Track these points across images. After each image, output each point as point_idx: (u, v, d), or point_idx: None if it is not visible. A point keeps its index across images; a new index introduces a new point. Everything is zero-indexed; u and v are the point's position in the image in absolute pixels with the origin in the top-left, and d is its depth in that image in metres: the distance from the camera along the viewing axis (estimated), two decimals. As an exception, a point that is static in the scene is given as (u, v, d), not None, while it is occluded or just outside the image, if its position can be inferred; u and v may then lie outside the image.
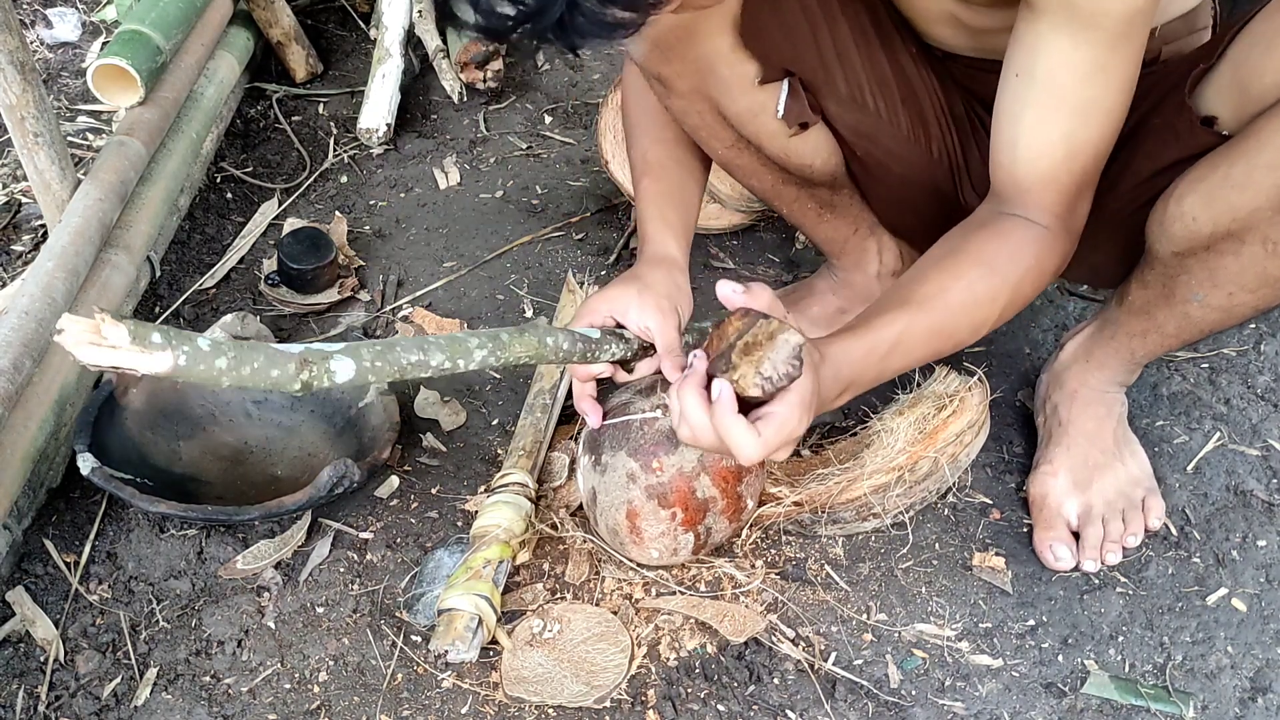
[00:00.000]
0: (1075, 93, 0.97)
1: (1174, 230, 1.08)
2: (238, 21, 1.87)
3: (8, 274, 1.55)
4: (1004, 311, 1.07)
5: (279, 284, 1.52)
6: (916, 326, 1.03)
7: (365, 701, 1.08)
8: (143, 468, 1.21)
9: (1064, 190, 1.03)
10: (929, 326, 1.04)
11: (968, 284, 1.04)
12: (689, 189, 1.25)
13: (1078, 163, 1.02)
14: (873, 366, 1.02)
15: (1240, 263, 1.03)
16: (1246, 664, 1.14)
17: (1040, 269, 1.06)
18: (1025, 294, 1.08)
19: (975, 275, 1.05)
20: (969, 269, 1.05)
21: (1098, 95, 0.97)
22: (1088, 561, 1.21)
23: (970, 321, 1.06)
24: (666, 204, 1.22)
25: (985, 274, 1.05)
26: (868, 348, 1.01)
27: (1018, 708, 1.09)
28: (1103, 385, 1.28)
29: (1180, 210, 1.06)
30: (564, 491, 1.25)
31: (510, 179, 1.80)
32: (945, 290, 1.04)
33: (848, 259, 1.42)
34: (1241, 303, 1.07)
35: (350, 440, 1.29)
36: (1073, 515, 1.23)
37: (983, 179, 1.26)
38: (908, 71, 1.19)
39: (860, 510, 1.20)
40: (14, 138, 1.30)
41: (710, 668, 1.10)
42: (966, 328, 1.06)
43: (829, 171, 1.27)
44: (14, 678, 1.08)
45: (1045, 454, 1.28)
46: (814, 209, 1.34)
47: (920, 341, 1.04)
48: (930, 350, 1.06)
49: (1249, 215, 1.00)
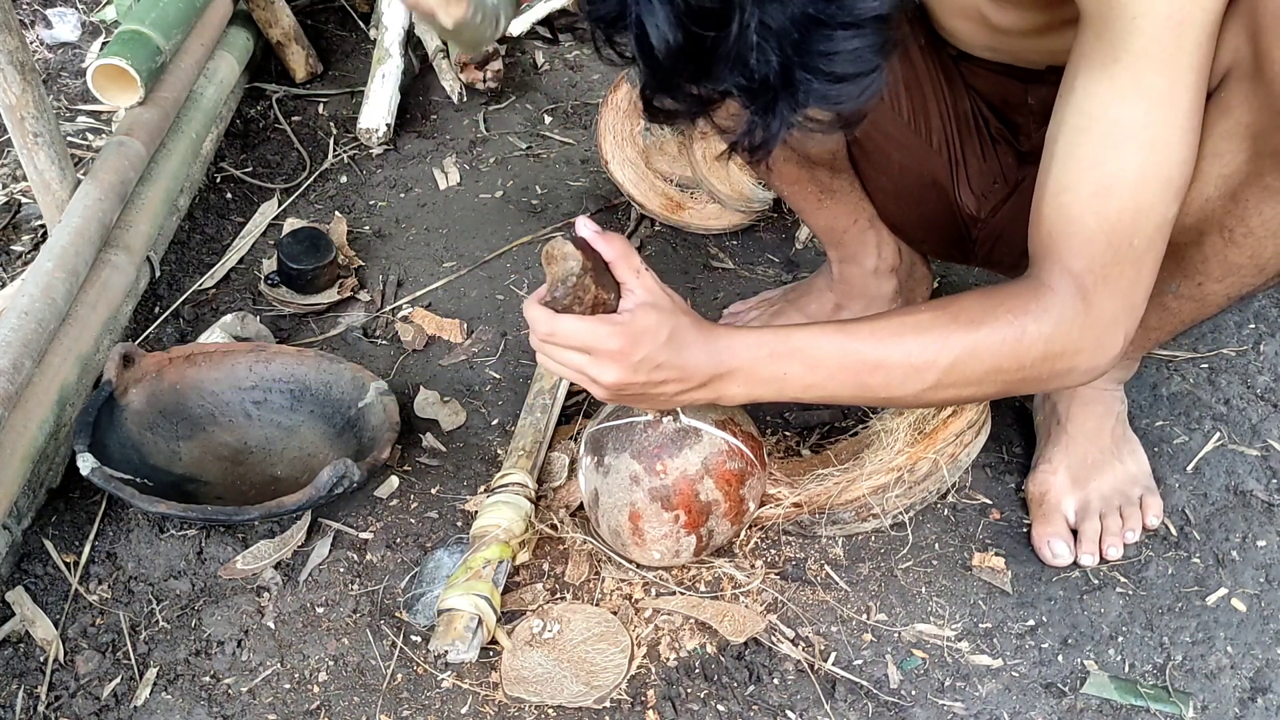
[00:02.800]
0: (1105, 112, 0.88)
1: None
2: (238, 21, 1.87)
3: (8, 274, 1.55)
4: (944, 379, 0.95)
5: (279, 284, 1.52)
6: (827, 347, 0.96)
7: (365, 701, 1.08)
8: (143, 468, 1.21)
9: (1089, 239, 0.91)
10: (841, 353, 0.96)
11: (908, 332, 0.95)
12: None
13: (1110, 205, 0.90)
14: (762, 362, 0.97)
15: (1203, 253, 1.03)
16: (1246, 664, 1.14)
17: (1019, 340, 0.92)
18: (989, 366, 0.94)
19: (922, 329, 0.94)
20: (924, 321, 0.95)
21: (1134, 120, 0.88)
22: (1085, 556, 1.21)
23: (887, 378, 0.96)
24: None
25: (932, 330, 0.94)
26: (760, 340, 0.97)
27: (1017, 708, 1.09)
28: (1100, 383, 1.28)
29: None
30: (564, 491, 1.25)
31: (510, 179, 1.80)
32: (879, 328, 0.96)
33: (845, 251, 1.42)
34: (1212, 292, 1.06)
35: (350, 440, 1.29)
36: (1070, 512, 1.24)
37: (980, 180, 1.26)
38: (915, 60, 1.19)
39: (860, 511, 1.20)
40: (14, 138, 1.30)
41: (710, 668, 1.10)
42: (880, 382, 0.96)
43: (829, 149, 1.27)
44: (14, 678, 1.08)
45: (1044, 453, 1.28)
46: (814, 193, 1.34)
47: (828, 365, 0.97)
48: (838, 384, 0.98)
49: (1201, 206, 0.99)
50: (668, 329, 0.95)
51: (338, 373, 1.33)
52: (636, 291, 0.97)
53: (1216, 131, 0.94)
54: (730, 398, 1.00)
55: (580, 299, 0.95)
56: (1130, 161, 0.89)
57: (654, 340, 0.95)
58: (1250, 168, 0.94)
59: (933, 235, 1.37)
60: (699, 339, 0.97)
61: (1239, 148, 0.94)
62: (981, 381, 0.96)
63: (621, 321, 0.94)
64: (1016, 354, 0.94)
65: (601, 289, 0.96)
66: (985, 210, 1.26)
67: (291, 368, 1.34)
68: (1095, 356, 0.95)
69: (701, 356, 0.97)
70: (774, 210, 1.69)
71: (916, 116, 1.21)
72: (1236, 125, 0.93)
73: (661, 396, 0.99)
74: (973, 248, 1.31)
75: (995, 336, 0.93)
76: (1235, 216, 0.98)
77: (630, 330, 0.94)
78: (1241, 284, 1.04)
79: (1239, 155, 0.94)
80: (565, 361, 0.97)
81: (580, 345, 0.95)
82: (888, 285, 1.44)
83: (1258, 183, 0.94)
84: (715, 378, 0.98)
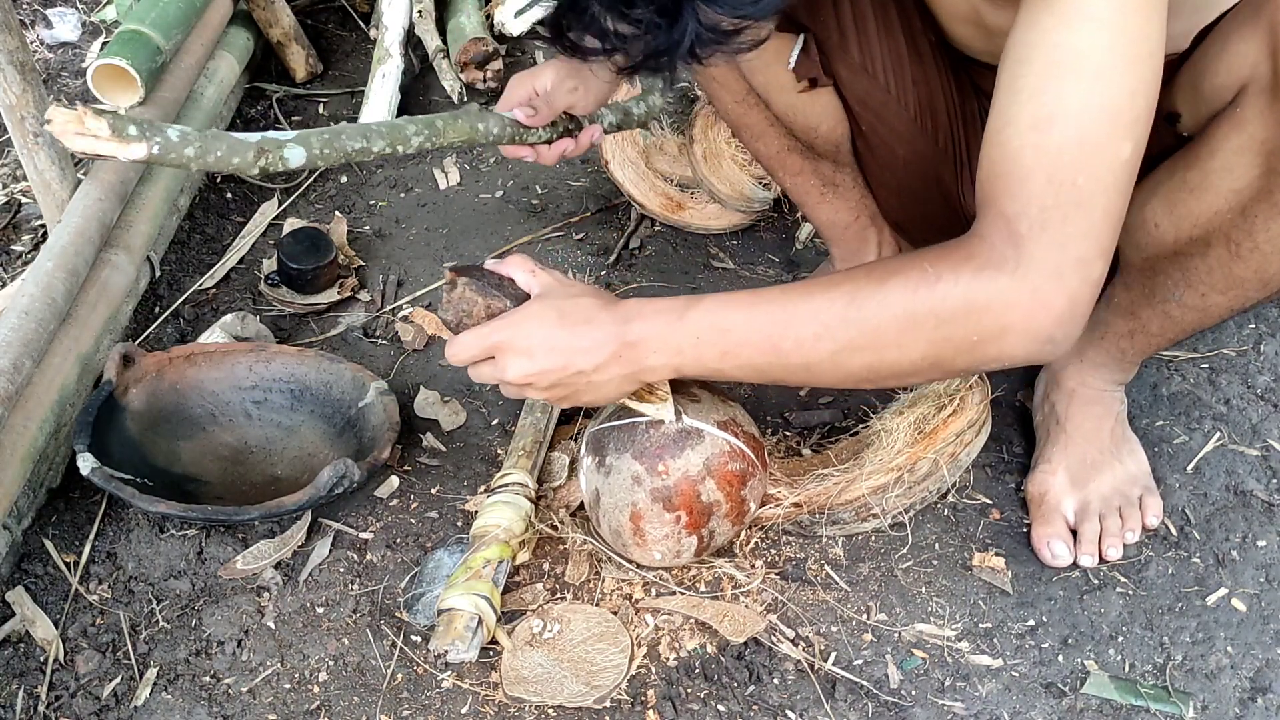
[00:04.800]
0: (1045, 39, 0.79)
1: (1138, 238, 1.07)
2: (238, 21, 1.87)
3: (8, 274, 1.55)
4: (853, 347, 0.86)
5: (279, 284, 1.52)
6: (736, 309, 0.91)
7: (365, 701, 1.08)
8: (143, 468, 1.21)
9: (1025, 177, 0.80)
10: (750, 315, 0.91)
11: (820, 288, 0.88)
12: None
13: (1050, 138, 0.79)
14: (671, 327, 0.94)
15: (1208, 264, 1.03)
16: (1246, 664, 1.14)
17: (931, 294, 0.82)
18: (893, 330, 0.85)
19: (831, 285, 0.88)
20: (839, 276, 0.88)
21: (1077, 47, 0.78)
22: (1085, 557, 1.21)
23: (798, 338, 0.89)
24: None
25: (840, 284, 0.87)
26: (668, 305, 0.95)
27: (1018, 708, 1.09)
28: (1100, 384, 1.28)
29: (1143, 217, 1.05)
30: (564, 491, 1.25)
31: (510, 179, 1.80)
32: (789, 289, 0.90)
33: (846, 247, 1.42)
34: (1215, 303, 1.06)
35: (350, 440, 1.29)
36: (1070, 512, 1.23)
37: None
38: (924, 57, 1.19)
39: (860, 511, 1.20)
40: (14, 138, 1.30)
41: (710, 668, 1.10)
42: (793, 346, 0.89)
43: (833, 140, 1.27)
44: (14, 678, 1.08)
45: (1044, 453, 1.28)
46: (816, 186, 1.35)
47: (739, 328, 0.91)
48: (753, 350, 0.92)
49: (1209, 219, 0.99)
50: (554, 311, 0.97)
51: (338, 373, 1.33)
52: (532, 289, 1.01)
53: (1230, 146, 0.94)
54: (651, 370, 0.96)
55: (469, 312, 1.00)
56: (1071, 89, 0.78)
57: (542, 323, 0.96)
58: (1262, 184, 0.94)
59: (935, 233, 1.37)
60: (599, 314, 0.96)
61: (1252, 163, 0.94)
62: (900, 343, 0.85)
63: (506, 316, 0.98)
64: (932, 306, 0.83)
65: (491, 299, 1.00)
66: None
67: (291, 368, 1.34)
68: (1032, 316, 0.82)
69: (604, 330, 0.95)
70: (774, 210, 1.69)
71: (923, 114, 1.21)
72: (1251, 140, 0.93)
73: (584, 382, 0.98)
74: None
75: (907, 286, 0.83)
76: (1243, 231, 0.97)
77: (514, 320, 0.97)
78: (1244, 297, 1.04)
79: (1251, 171, 0.94)
80: (480, 375, 1.01)
81: (480, 352, 0.98)
82: None
83: (1268, 199, 0.94)
84: (625, 347, 0.95)
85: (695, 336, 0.94)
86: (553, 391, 1.00)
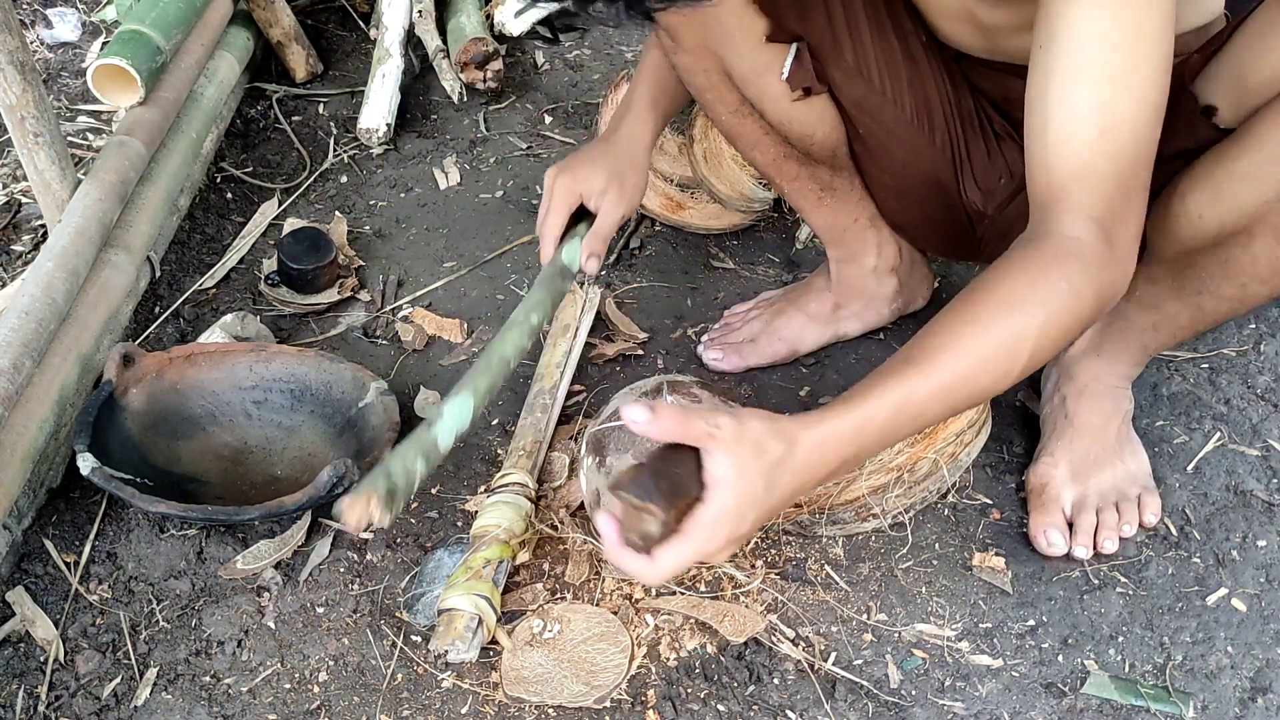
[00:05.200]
0: (1102, 55, 0.88)
1: (1178, 229, 1.07)
2: (238, 21, 1.87)
3: (8, 274, 1.55)
4: (1035, 354, 0.92)
5: (279, 284, 1.52)
6: (921, 390, 0.90)
7: (365, 701, 1.08)
8: (143, 468, 1.21)
9: (1103, 181, 0.91)
10: (938, 387, 0.91)
11: (983, 330, 0.91)
12: (682, 91, 1.31)
13: (1115, 144, 0.90)
14: (868, 441, 0.90)
15: (1251, 254, 1.04)
16: (1246, 664, 1.14)
17: (1077, 297, 0.91)
18: (1063, 329, 0.93)
19: (993, 320, 0.91)
20: (986, 313, 0.92)
21: (1124, 61, 0.88)
22: (1079, 548, 1.21)
23: (991, 373, 0.92)
24: (660, 90, 1.30)
25: (1004, 315, 0.91)
26: (860, 422, 0.89)
27: (1018, 708, 1.09)
28: (1113, 379, 1.28)
29: (1184, 208, 1.06)
30: (564, 491, 1.25)
31: (510, 179, 1.80)
32: (957, 343, 0.91)
33: (845, 249, 1.42)
34: (1255, 292, 1.08)
35: (350, 440, 1.29)
36: (1068, 504, 1.24)
37: (986, 177, 1.26)
38: (917, 58, 1.19)
39: (860, 511, 1.20)
40: (14, 138, 1.30)
41: (710, 668, 1.10)
42: (987, 380, 0.93)
43: (830, 146, 1.27)
44: (14, 678, 1.08)
45: (1048, 445, 1.28)
46: (814, 190, 1.35)
47: (928, 404, 0.91)
48: (946, 407, 0.93)
49: (1257, 208, 1.00)
50: (763, 485, 0.84)
51: (338, 373, 1.33)
52: (716, 468, 0.83)
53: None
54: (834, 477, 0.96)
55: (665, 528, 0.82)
56: (1128, 99, 0.89)
57: (755, 509, 0.85)
58: None
59: (936, 233, 1.37)
60: (794, 463, 0.86)
61: None
62: (1054, 348, 0.94)
63: (713, 518, 0.83)
64: (1078, 317, 0.93)
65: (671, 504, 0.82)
66: (991, 206, 1.26)
67: (291, 368, 1.34)
68: (1123, 285, 0.95)
69: (802, 477, 0.87)
70: (774, 210, 1.69)
71: (919, 114, 1.21)
72: None
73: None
74: (978, 244, 1.32)
75: (1066, 314, 0.91)
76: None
77: (726, 517, 0.83)
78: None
79: None
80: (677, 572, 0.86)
81: (690, 563, 0.85)
82: (888, 285, 1.44)
83: None
84: (829, 475, 0.91)
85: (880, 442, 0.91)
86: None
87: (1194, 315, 1.14)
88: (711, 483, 0.83)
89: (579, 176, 1.24)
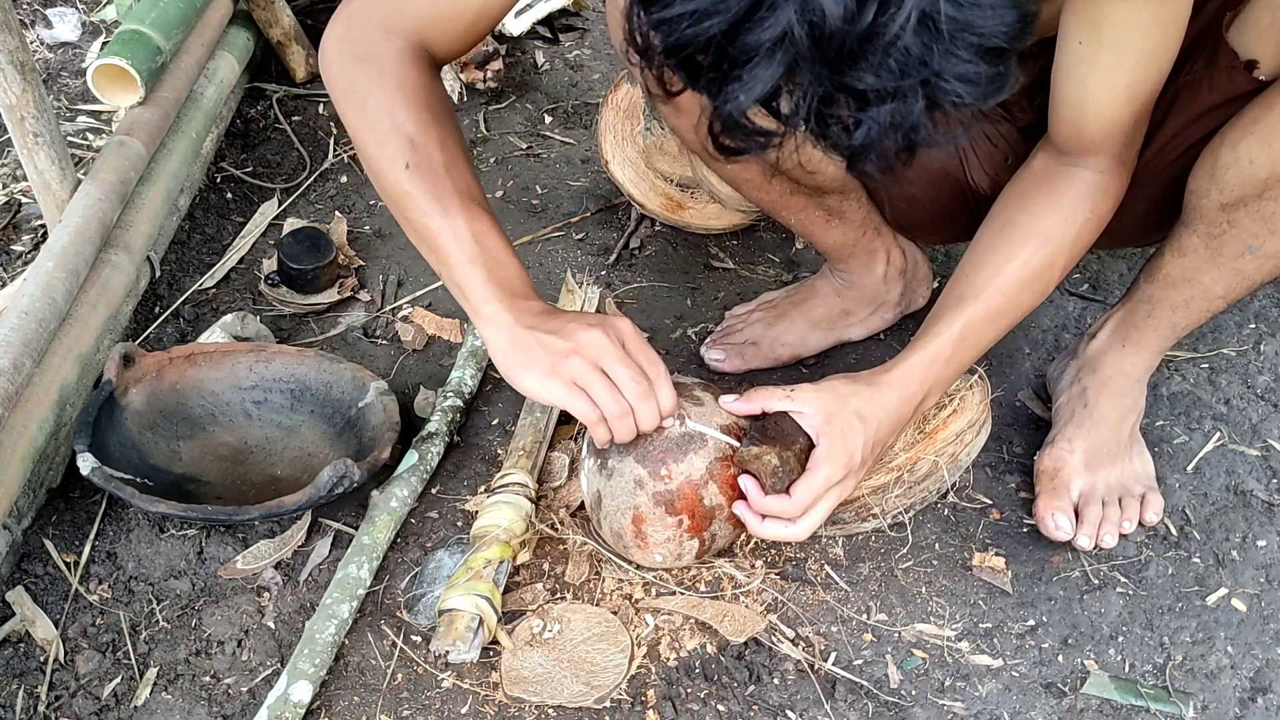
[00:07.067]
0: (1137, 44, 0.99)
1: (1227, 177, 1.06)
2: (238, 21, 1.87)
3: (8, 274, 1.55)
4: (1065, 270, 1.14)
5: (279, 284, 1.52)
6: (976, 318, 1.11)
7: (365, 701, 1.08)
8: (143, 468, 1.21)
9: (1125, 131, 1.07)
10: (990, 313, 1.12)
11: (1023, 261, 1.10)
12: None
13: (1137, 104, 1.05)
14: (942, 369, 1.12)
15: None
16: (1246, 664, 1.14)
17: (1097, 217, 1.11)
18: (1085, 244, 1.13)
19: (1030, 249, 1.10)
20: (1023, 245, 1.11)
21: (1156, 42, 0.99)
22: (1082, 538, 1.21)
23: (1032, 293, 1.13)
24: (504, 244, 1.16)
25: (1040, 244, 1.10)
26: (930, 357, 1.11)
27: (1018, 708, 1.09)
28: (1137, 373, 1.28)
29: (1235, 155, 1.05)
30: (564, 491, 1.25)
31: (510, 179, 1.80)
32: (1000, 274, 1.11)
33: (855, 262, 1.42)
34: None
35: (350, 440, 1.29)
36: (1077, 492, 1.24)
37: (992, 161, 1.26)
38: None
39: (860, 511, 1.20)
40: (14, 138, 1.30)
41: (710, 668, 1.10)
42: (1029, 300, 1.13)
43: (840, 177, 1.27)
44: (14, 678, 1.08)
45: (1064, 431, 1.28)
46: (821, 216, 1.34)
47: (984, 329, 1.13)
48: (998, 331, 1.14)
49: None
50: (856, 418, 1.08)
51: (338, 373, 1.33)
52: (806, 411, 1.08)
53: None
54: (926, 407, 1.16)
55: (787, 463, 1.05)
56: (1155, 70, 1.01)
57: (858, 435, 1.07)
58: None
59: (946, 225, 1.38)
60: (881, 397, 1.10)
61: None
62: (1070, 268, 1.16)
63: (826, 454, 1.06)
64: (1096, 232, 1.13)
65: (783, 445, 1.06)
66: (998, 187, 1.26)
67: (291, 368, 1.34)
68: (1128, 182, 1.12)
69: (895, 408, 1.10)
70: (774, 210, 1.69)
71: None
72: None
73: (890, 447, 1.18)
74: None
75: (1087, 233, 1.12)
76: None
77: (836, 452, 1.06)
78: None
79: None
80: (821, 514, 1.08)
81: (820, 496, 1.06)
82: (895, 289, 1.45)
83: None
84: (919, 408, 1.14)
85: (959, 362, 1.14)
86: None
87: (1230, 282, 1.14)
88: (808, 427, 1.07)
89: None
